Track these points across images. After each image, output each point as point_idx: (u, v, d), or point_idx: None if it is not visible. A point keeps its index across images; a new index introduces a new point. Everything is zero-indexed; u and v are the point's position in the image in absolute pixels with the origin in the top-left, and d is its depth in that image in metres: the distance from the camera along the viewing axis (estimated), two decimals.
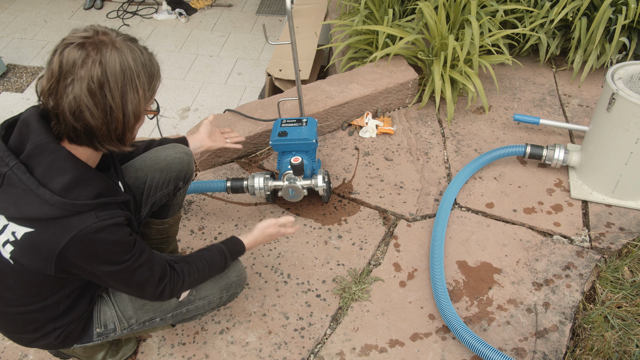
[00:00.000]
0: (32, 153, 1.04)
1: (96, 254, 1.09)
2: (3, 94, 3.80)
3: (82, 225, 1.05)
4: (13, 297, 1.17)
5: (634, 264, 1.79)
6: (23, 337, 1.26)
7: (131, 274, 1.17)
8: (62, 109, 1.01)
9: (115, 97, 1.02)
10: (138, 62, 1.05)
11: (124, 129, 1.08)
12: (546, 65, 2.77)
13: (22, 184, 1.02)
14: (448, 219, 1.98)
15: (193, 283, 1.34)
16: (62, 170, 1.04)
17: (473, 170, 2.12)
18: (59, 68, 0.99)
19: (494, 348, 1.50)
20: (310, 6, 3.70)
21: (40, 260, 1.07)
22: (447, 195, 2.01)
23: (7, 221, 1.07)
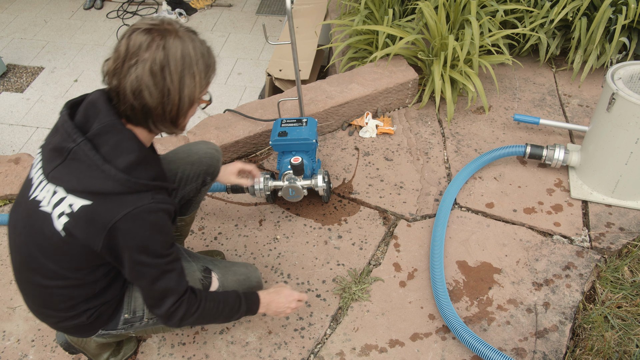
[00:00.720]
0: (100, 132, 1.10)
1: (142, 238, 1.12)
2: (3, 94, 3.80)
3: (139, 203, 1.10)
4: (57, 270, 1.19)
5: (634, 264, 1.79)
6: (56, 314, 1.27)
7: (162, 274, 1.19)
8: (124, 88, 1.08)
9: (174, 80, 1.09)
10: (197, 52, 1.12)
11: (178, 112, 1.15)
12: (546, 65, 2.77)
13: (88, 159, 1.09)
14: (448, 219, 1.98)
15: (206, 314, 1.32)
16: (127, 151, 1.11)
17: (473, 171, 2.12)
18: (126, 50, 1.07)
19: (493, 348, 1.50)
20: (310, 6, 3.70)
21: (92, 232, 1.11)
22: (447, 195, 2.01)
23: (66, 193, 1.12)
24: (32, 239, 1.19)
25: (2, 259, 1.97)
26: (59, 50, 4.25)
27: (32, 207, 1.18)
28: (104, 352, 1.58)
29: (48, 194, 1.15)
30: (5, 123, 3.52)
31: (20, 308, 1.80)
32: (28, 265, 1.22)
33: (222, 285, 1.48)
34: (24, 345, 1.69)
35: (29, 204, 1.18)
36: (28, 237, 1.19)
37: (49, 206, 1.14)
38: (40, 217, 1.15)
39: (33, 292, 1.25)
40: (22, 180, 2.20)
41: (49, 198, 1.15)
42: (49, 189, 1.15)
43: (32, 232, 1.18)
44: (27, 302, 1.31)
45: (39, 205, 1.16)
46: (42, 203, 1.15)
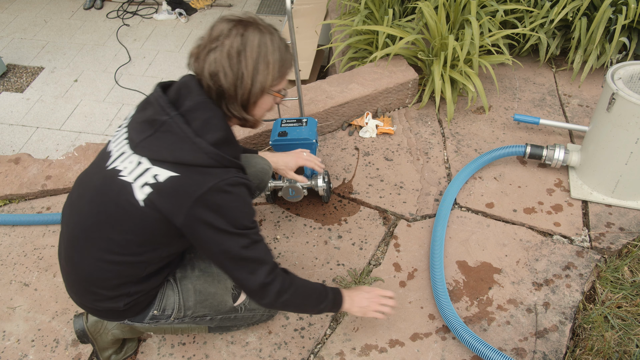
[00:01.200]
0: (192, 108, 1.17)
1: (229, 208, 1.16)
2: (3, 94, 3.80)
3: (225, 176, 1.15)
4: (118, 242, 1.21)
5: (634, 264, 1.79)
6: (98, 292, 1.27)
7: (251, 244, 1.21)
8: (202, 69, 1.18)
9: (249, 65, 1.17)
10: (275, 44, 1.20)
11: (249, 97, 1.21)
12: (546, 65, 2.77)
13: (180, 132, 1.14)
14: (448, 219, 1.98)
15: (299, 293, 1.33)
16: (216, 128, 1.18)
17: (473, 171, 2.12)
18: (209, 36, 1.18)
19: (493, 348, 1.50)
20: (310, 6, 3.70)
21: (177, 203, 1.14)
22: (447, 195, 2.01)
23: (151, 165, 1.15)
24: (103, 208, 1.20)
25: (2, 259, 1.97)
26: (59, 50, 4.25)
27: (109, 175, 1.20)
28: (111, 348, 1.59)
29: (131, 165, 1.17)
30: (5, 123, 3.52)
31: (20, 308, 1.80)
32: (89, 234, 1.23)
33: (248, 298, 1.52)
34: (24, 345, 1.69)
35: (106, 173, 1.20)
36: (98, 206, 1.21)
37: (131, 176, 1.17)
38: (118, 185, 1.17)
39: (83, 265, 1.26)
40: (22, 180, 2.20)
41: (131, 168, 1.17)
42: (132, 159, 1.18)
43: (105, 201, 1.20)
44: (71, 277, 1.31)
45: (118, 174, 1.18)
46: (122, 172, 1.18)
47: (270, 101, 1.28)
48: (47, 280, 1.88)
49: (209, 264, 1.48)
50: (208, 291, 1.44)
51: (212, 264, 1.48)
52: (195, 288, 1.42)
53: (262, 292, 1.26)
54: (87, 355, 1.65)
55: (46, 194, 2.21)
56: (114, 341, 1.58)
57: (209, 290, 1.44)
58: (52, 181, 2.20)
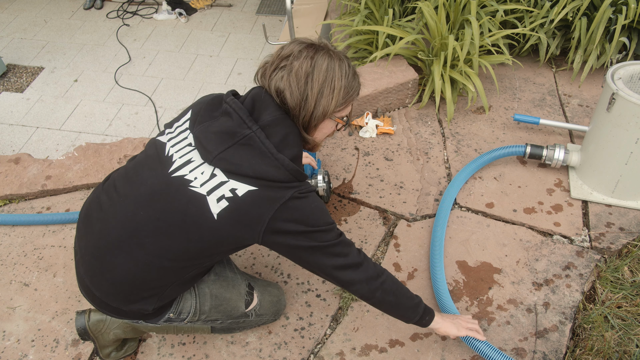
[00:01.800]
0: (271, 123, 1.18)
1: (311, 210, 1.18)
2: (3, 94, 3.80)
3: (301, 187, 1.18)
4: (177, 250, 1.19)
5: (634, 264, 1.78)
6: (133, 292, 1.25)
7: (337, 236, 1.23)
8: (270, 86, 1.20)
9: (314, 88, 1.18)
10: (342, 71, 1.21)
11: (311, 120, 1.22)
12: (546, 65, 2.77)
13: (262, 147, 1.14)
14: (448, 220, 1.98)
15: (394, 284, 1.35)
16: (292, 144, 1.20)
17: (473, 171, 2.12)
18: (279, 56, 1.21)
19: (495, 347, 1.50)
20: (310, 6, 3.70)
21: (255, 218, 1.14)
22: (447, 195, 2.01)
23: (227, 178, 1.14)
24: (165, 215, 1.17)
25: (2, 259, 1.97)
26: (59, 50, 4.25)
27: (176, 184, 1.16)
28: (112, 346, 1.59)
29: (202, 176, 1.15)
30: (5, 123, 3.52)
31: (20, 308, 1.80)
32: (140, 238, 1.19)
33: (259, 304, 1.54)
34: (24, 345, 1.69)
35: (171, 180, 1.17)
36: (159, 214, 1.17)
37: (203, 188, 1.14)
38: (187, 197, 1.15)
39: (125, 267, 1.22)
40: (22, 180, 2.20)
41: (203, 179, 1.15)
42: (204, 170, 1.16)
43: (169, 209, 1.16)
44: (101, 276, 1.26)
45: (188, 184, 1.15)
46: (193, 183, 1.15)
47: (331, 126, 1.29)
48: (47, 280, 1.88)
49: (224, 268, 1.48)
50: (223, 296, 1.44)
51: (226, 269, 1.48)
52: (211, 292, 1.42)
53: (360, 272, 1.27)
54: (87, 356, 1.65)
55: (46, 194, 2.21)
56: (115, 340, 1.58)
57: (224, 296, 1.44)
58: (52, 181, 2.20)
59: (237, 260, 1.91)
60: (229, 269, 1.51)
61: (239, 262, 1.90)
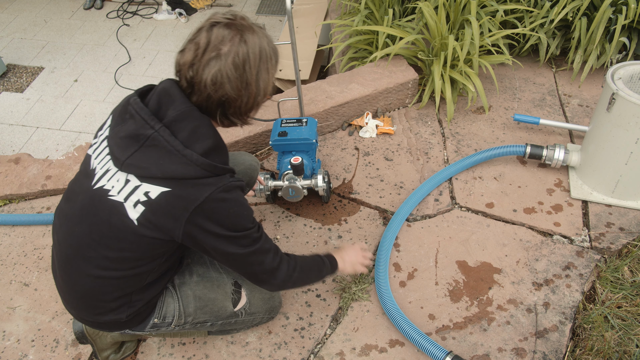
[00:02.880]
0: (177, 118, 1.12)
1: (228, 215, 1.15)
2: (3, 94, 3.80)
3: (220, 183, 1.13)
4: (115, 259, 1.19)
5: (634, 264, 1.78)
6: (100, 306, 1.26)
7: (254, 241, 1.23)
8: (203, 79, 1.11)
9: (253, 73, 1.15)
10: (271, 47, 1.19)
11: (254, 104, 1.20)
12: (546, 65, 2.77)
13: (167, 145, 1.10)
14: (448, 219, 1.98)
15: (305, 268, 1.40)
16: (204, 136, 1.14)
17: (471, 164, 2.13)
18: (207, 43, 1.11)
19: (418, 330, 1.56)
20: (310, 6, 3.70)
21: (172, 219, 1.13)
22: (433, 177, 2.01)
23: (140, 182, 1.12)
24: (96, 228, 1.18)
25: (2, 259, 1.97)
26: (59, 50, 4.25)
27: (97, 196, 1.16)
28: (110, 348, 1.59)
29: (118, 184, 1.14)
30: (5, 123, 3.52)
31: (20, 308, 1.80)
32: (84, 254, 1.21)
33: (249, 302, 1.51)
34: (24, 345, 1.69)
35: (93, 193, 1.17)
36: (90, 227, 1.18)
37: (120, 195, 1.14)
38: (108, 206, 1.15)
39: (82, 283, 1.24)
40: (22, 180, 2.20)
41: (119, 187, 1.14)
42: (119, 177, 1.14)
43: (96, 222, 1.17)
44: (69, 294, 1.29)
45: (107, 194, 1.15)
46: (110, 192, 1.15)
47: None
48: (47, 280, 1.88)
49: (207, 268, 1.48)
50: (208, 297, 1.43)
51: (210, 269, 1.48)
52: (194, 294, 1.42)
53: (272, 278, 1.30)
54: (87, 356, 1.65)
55: (46, 194, 2.21)
56: (113, 343, 1.58)
57: (208, 296, 1.43)
58: (52, 181, 2.20)
59: None
60: (213, 269, 1.49)
61: None
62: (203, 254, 1.25)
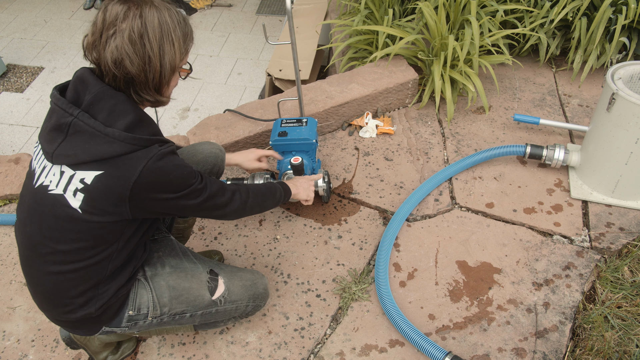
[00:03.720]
0: (93, 101, 1.12)
1: (168, 180, 1.17)
2: (3, 94, 3.80)
3: (150, 154, 1.14)
4: (70, 251, 1.20)
5: (634, 264, 1.78)
6: (67, 302, 1.26)
7: (202, 191, 1.27)
8: (105, 59, 1.11)
9: (154, 47, 1.13)
10: (174, 20, 1.17)
11: (161, 79, 1.19)
12: (546, 65, 2.77)
13: (89, 128, 1.11)
14: (449, 218, 1.99)
15: (258, 192, 1.48)
16: (124, 113, 1.14)
17: (471, 164, 2.13)
18: (102, 22, 1.11)
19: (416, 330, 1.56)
20: (310, 6, 3.70)
21: (114, 201, 1.14)
22: (437, 175, 2.01)
23: (73, 170, 1.14)
24: (45, 225, 1.19)
25: (2, 259, 1.97)
26: (59, 50, 4.25)
27: (39, 193, 1.18)
28: (105, 351, 1.58)
29: (55, 177, 1.16)
30: (5, 123, 3.52)
31: (21, 308, 1.80)
32: (39, 252, 1.22)
33: (228, 289, 1.48)
34: (24, 345, 1.69)
35: (35, 191, 1.19)
36: (39, 224, 1.20)
37: (59, 187, 1.15)
38: (50, 200, 1.16)
39: (44, 281, 1.25)
40: (22, 180, 2.20)
41: (56, 180, 1.15)
42: (54, 171, 1.16)
43: (43, 219, 1.19)
44: (37, 295, 1.30)
45: (47, 190, 1.17)
46: (50, 187, 1.16)
47: (177, 78, 1.27)
48: None
49: (180, 260, 1.46)
50: (182, 286, 1.41)
51: (183, 260, 1.47)
52: (168, 284, 1.40)
53: (227, 210, 1.37)
54: (87, 355, 1.65)
55: None
56: (104, 345, 1.56)
57: (182, 285, 1.41)
58: None
59: (237, 260, 1.91)
60: (187, 260, 1.47)
61: (239, 262, 1.90)
62: (159, 217, 1.29)
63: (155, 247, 1.48)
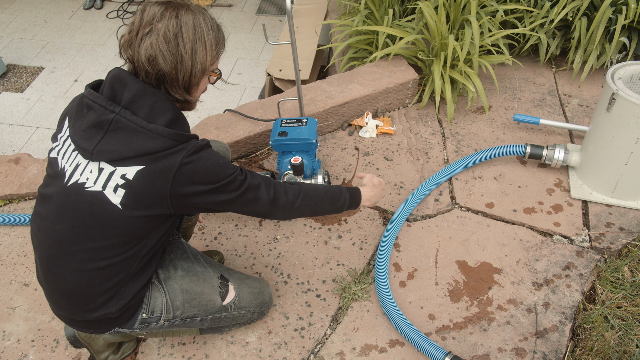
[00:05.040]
0: (134, 98, 1.15)
1: (206, 169, 1.18)
2: (3, 94, 3.80)
3: (189, 147, 1.17)
4: (101, 248, 1.21)
5: (634, 264, 1.79)
6: (89, 301, 1.26)
7: (242, 182, 1.26)
8: (139, 56, 1.15)
9: (187, 47, 1.17)
10: (208, 24, 1.21)
11: (191, 79, 1.22)
12: (546, 65, 2.77)
13: (132, 124, 1.13)
14: (449, 218, 1.99)
15: (311, 196, 1.41)
16: (164, 110, 1.17)
17: (469, 164, 2.13)
18: (140, 21, 1.16)
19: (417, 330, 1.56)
20: (310, 6, 3.70)
21: (156, 194, 1.16)
22: (439, 174, 2.01)
23: (114, 167, 1.15)
24: (78, 222, 1.19)
25: (2, 259, 1.97)
26: (59, 50, 4.25)
27: (74, 191, 1.18)
28: (107, 350, 1.58)
29: (92, 174, 1.17)
30: (5, 123, 3.53)
31: (21, 308, 1.80)
32: (68, 250, 1.22)
33: (237, 296, 1.51)
34: (24, 345, 1.69)
35: (69, 190, 1.19)
36: (71, 222, 1.20)
37: (98, 184, 1.16)
38: (88, 198, 1.17)
39: (69, 279, 1.24)
40: (22, 180, 2.20)
41: (94, 177, 1.16)
42: (91, 168, 1.17)
43: (77, 216, 1.19)
44: (56, 294, 1.29)
45: (84, 187, 1.17)
46: (87, 184, 1.17)
47: (206, 81, 1.30)
48: None
49: (192, 263, 1.48)
50: (194, 290, 1.43)
51: (195, 264, 1.48)
52: (181, 287, 1.41)
53: (273, 208, 1.33)
54: (87, 355, 1.65)
55: None
56: (108, 344, 1.57)
57: (195, 289, 1.43)
58: None
59: (237, 260, 1.91)
60: (198, 263, 1.49)
61: (239, 262, 1.90)
62: (199, 212, 1.28)
63: (167, 250, 1.49)
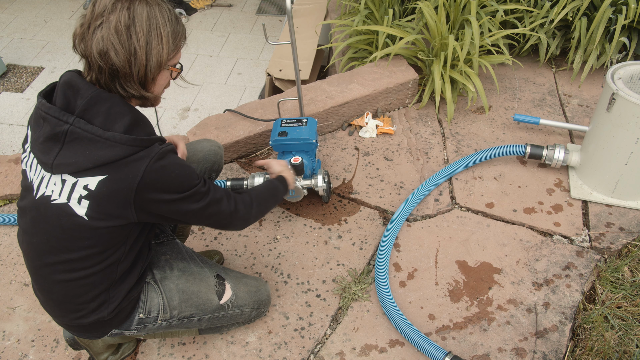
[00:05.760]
0: (88, 106, 1.11)
1: (171, 179, 1.16)
2: (3, 94, 3.80)
3: (152, 154, 1.13)
4: (79, 259, 1.19)
5: (634, 264, 1.78)
6: (79, 308, 1.26)
7: (205, 194, 1.24)
8: (91, 50, 1.10)
9: (140, 40, 1.11)
10: (165, 16, 1.15)
11: (147, 74, 1.16)
12: (546, 65, 2.77)
13: (87, 134, 1.09)
14: (450, 218, 1.99)
15: (261, 198, 1.44)
16: (120, 115, 1.12)
17: (470, 164, 2.13)
18: (91, 13, 1.11)
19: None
20: (310, 6, 3.70)
21: (120, 203, 1.13)
22: (438, 174, 2.01)
23: (75, 178, 1.12)
24: (51, 235, 1.18)
25: (2, 259, 1.97)
26: (59, 50, 4.25)
27: (42, 204, 1.17)
28: (106, 352, 1.58)
29: (57, 187, 1.14)
30: (5, 123, 3.52)
31: (20, 308, 1.80)
32: (48, 262, 1.21)
33: (234, 294, 1.50)
34: (24, 345, 1.69)
35: (38, 203, 1.18)
36: (45, 235, 1.19)
37: (62, 197, 1.14)
38: (54, 211, 1.15)
39: (54, 290, 1.25)
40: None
41: (58, 190, 1.14)
42: (55, 180, 1.15)
43: (49, 229, 1.18)
44: (48, 303, 1.30)
45: (50, 200, 1.15)
46: (52, 197, 1.15)
47: (167, 76, 1.24)
48: None
49: (188, 263, 1.48)
50: (191, 289, 1.42)
51: (190, 264, 1.48)
52: (177, 287, 1.41)
53: (234, 219, 1.33)
54: (87, 355, 1.65)
55: None
56: (107, 346, 1.57)
57: (191, 289, 1.43)
58: None
59: (237, 260, 1.91)
60: (194, 263, 1.48)
61: (239, 262, 1.90)
62: (163, 222, 1.27)
63: (162, 250, 1.48)
